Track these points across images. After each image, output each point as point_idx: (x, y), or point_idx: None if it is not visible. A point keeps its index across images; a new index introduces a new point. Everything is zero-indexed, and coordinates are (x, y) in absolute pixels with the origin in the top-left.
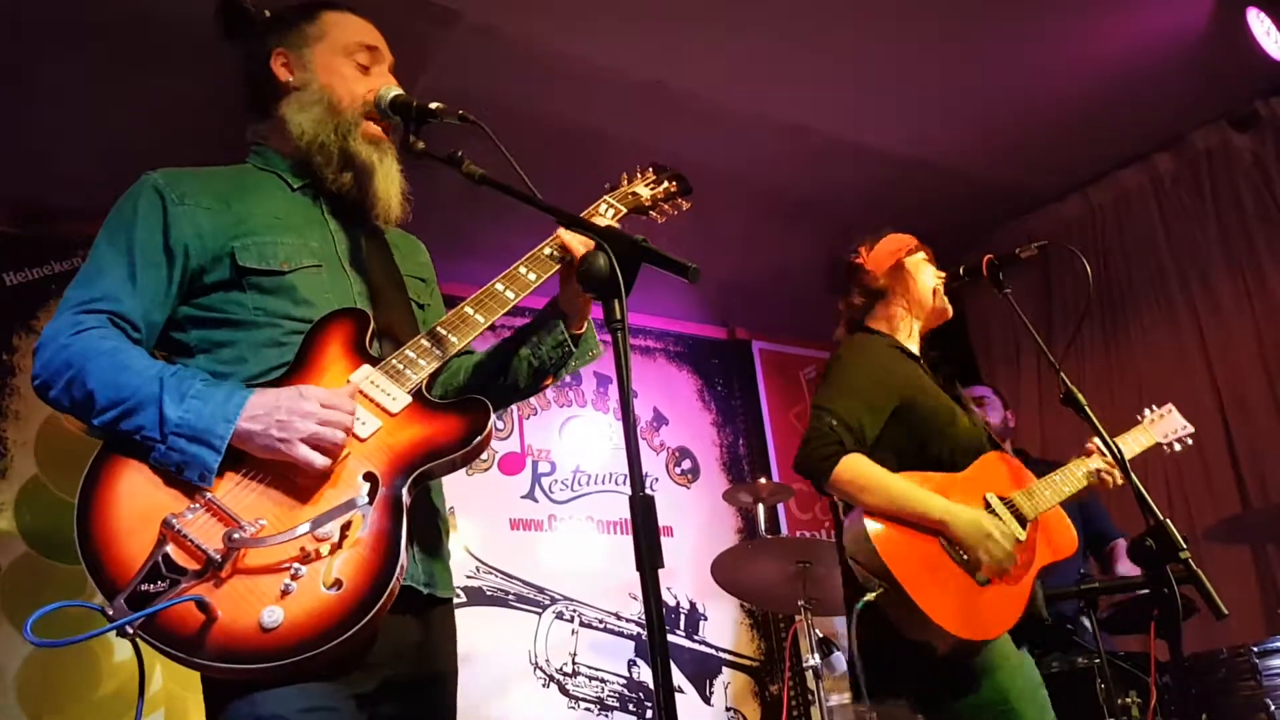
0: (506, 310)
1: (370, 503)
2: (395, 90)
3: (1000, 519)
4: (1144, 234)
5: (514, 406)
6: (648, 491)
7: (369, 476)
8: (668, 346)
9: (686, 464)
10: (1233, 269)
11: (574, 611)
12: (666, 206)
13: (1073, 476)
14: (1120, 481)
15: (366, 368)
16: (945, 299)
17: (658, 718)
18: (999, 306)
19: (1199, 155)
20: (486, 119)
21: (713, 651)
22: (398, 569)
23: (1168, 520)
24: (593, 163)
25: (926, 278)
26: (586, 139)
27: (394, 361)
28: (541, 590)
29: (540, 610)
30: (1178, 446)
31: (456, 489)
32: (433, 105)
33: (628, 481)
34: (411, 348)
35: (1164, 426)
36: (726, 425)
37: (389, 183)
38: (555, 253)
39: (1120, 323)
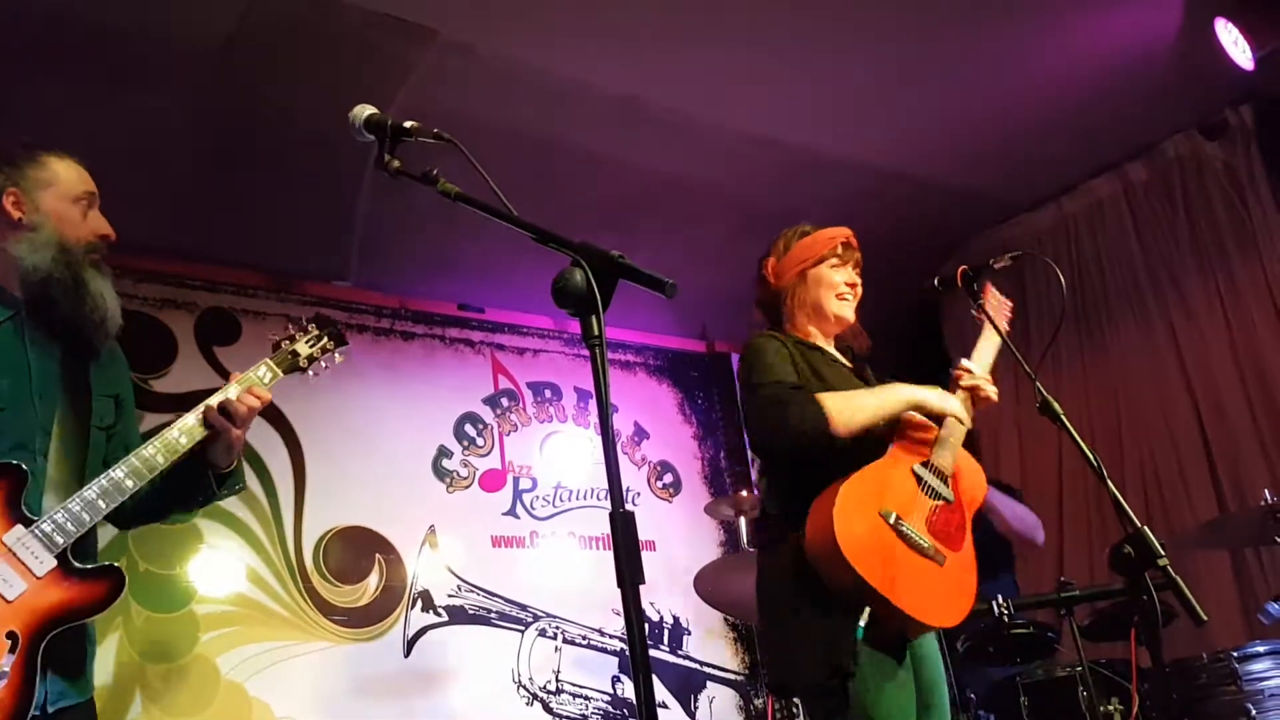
0: (156, 474)
1: (10, 659)
2: (370, 110)
3: (932, 476)
4: (1117, 242)
5: (494, 423)
6: (629, 506)
7: (10, 635)
8: (647, 360)
9: (668, 478)
10: (1205, 275)
11: (557, 628)
12: (322, 363)
13: (957, 427)
14: (991, 397)
15: (19, 529)
16: (844, 307)
17: None
18: (974, 317)
19: (1170, 164)
20: (463, 136)
21: (697, 666)
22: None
23: (1145, 528)
24: (569, 178)
25: (825, 290)
26: (562, 155)
27: (44, 525)
28: (524, 607)
29: (523, 628)
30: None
31: (437, 506)
32: (407, 124)
33: (609, 497)
34: (62, 511)
35: (997, 312)
36: (708, 438)
37: (111, 300)
38: (201, 423)
39: (1095, 330)
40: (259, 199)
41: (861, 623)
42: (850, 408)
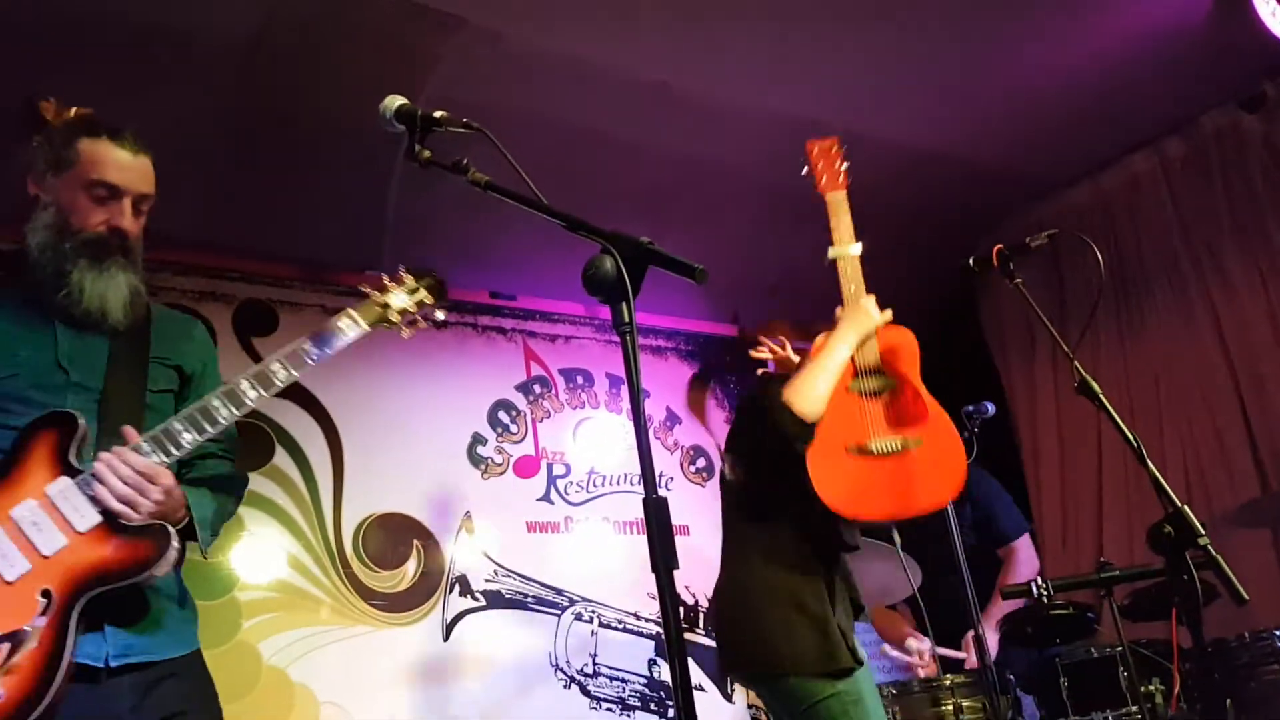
0: (218, 428)
1: (43, 620)
2: (400, 100)
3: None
4: (1155, 218)
5: (527, 410)
6: (662, 491)
7: (45, 594)
8: (679, 345)
9: (701, 462)
10: (1245, 250)
11: (593, 612)
12: (419, 318)
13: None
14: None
15: (64, 481)
16: None
17: (678, 717)
18: (1011, 296)
19: (1208, 138)
20: (491, 124)
21: None
22: (55, 684)
23: (1185, 506)
24: (598, 165)
25: None
26: (592, 142)
27: (90, 476)
28: (560, 592)
29: (559, 612)
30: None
31: (473, 493)
32: (437, 114)
33: (642, 482)
34: None
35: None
36: None
37: (99, 295)
38: (285, 366)
39: (1134, 308)
40: (291, 191)
41: (897, 541)
42: (806, 387)
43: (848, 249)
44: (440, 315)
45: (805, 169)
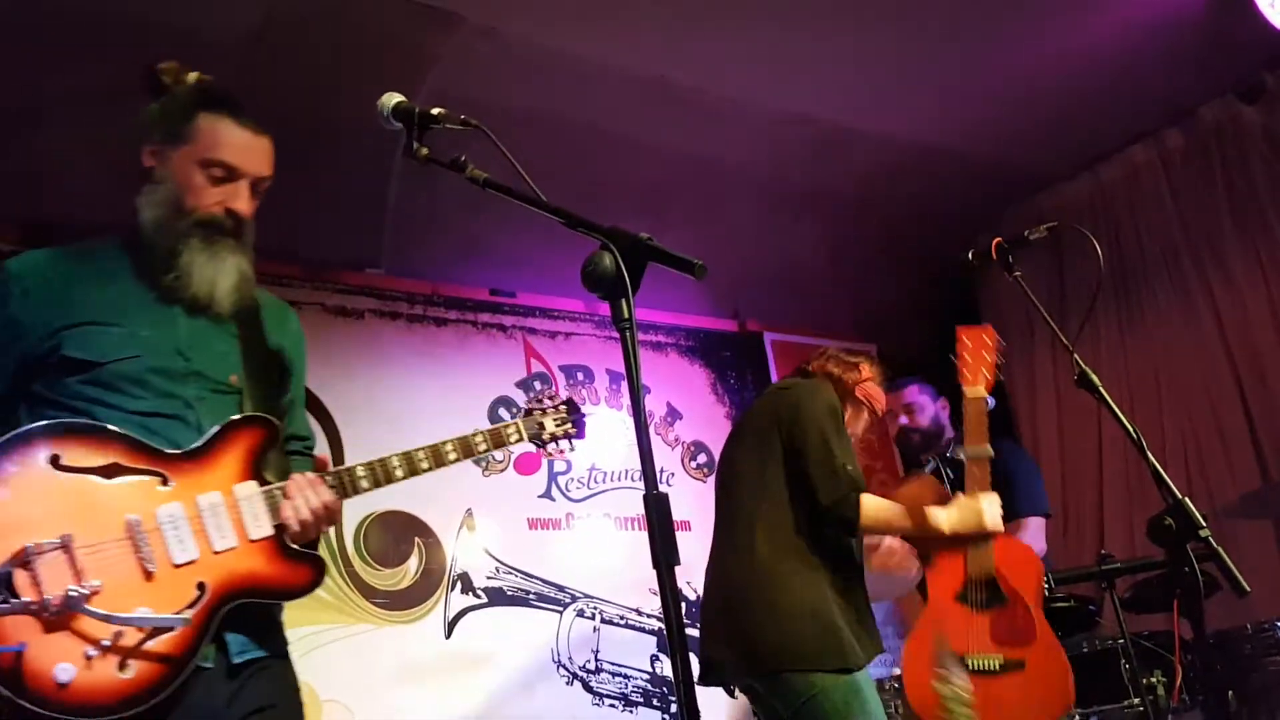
0: (422, 471)
1: (190, 611)
2: (397, 97)
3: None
4: (1155, 210)
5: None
6: (663, 487)
7: (201, 586)
8: (679, 341)
9: (702, 458)
10: (1245, 242)
11: (595, 609)
12: (560, 445)
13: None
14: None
15: (252, 485)
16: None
17: (680, 712)
18: (1011, 290)
19: (1208, 129)
20: (491, 121)
21: None
22: (178, 680)
23: (1186, 499)
24: (598, 161)
25: (857, 425)
26: (592, 139)
27: (276, 491)
28: (562, 589)
29: (561, 608)
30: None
31: (474, 490)
32: (434, 110)
33: (643, 478)
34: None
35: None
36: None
37: (209, 279)
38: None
39: (1133, 300)
40: (291, 190)
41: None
42: (878, 522)
43: (981, 449)
44: (571, 447)
45: (954, 356)
